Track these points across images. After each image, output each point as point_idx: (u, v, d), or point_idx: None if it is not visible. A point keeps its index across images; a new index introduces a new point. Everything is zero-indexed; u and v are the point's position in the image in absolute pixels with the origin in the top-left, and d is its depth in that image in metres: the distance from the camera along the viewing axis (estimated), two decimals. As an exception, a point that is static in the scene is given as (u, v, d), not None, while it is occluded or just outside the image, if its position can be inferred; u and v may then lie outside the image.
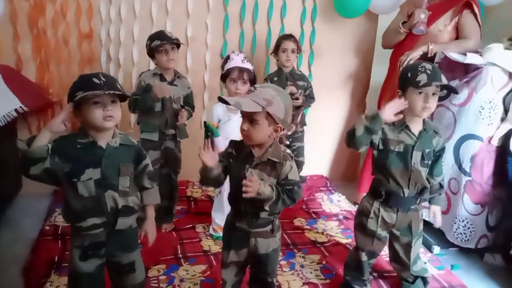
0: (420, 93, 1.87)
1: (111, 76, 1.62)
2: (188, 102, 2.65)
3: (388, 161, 1.94)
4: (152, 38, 2.48)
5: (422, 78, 1.84)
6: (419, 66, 1.88)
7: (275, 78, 2.97)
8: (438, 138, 1.99)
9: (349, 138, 1.90)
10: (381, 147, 1.95)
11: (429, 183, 2.02)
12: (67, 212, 1.65)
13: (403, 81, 1.93)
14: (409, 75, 1.89)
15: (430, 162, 1.99)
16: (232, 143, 1.73)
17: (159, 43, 2.42)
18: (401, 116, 1.91)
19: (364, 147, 1.92)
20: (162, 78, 2.52)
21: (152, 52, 2.48)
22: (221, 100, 1.60)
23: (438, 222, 2.09)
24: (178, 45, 2.52)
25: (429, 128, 1.96)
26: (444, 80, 1.89)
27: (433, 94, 1.88)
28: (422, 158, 1.95)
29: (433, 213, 2.09)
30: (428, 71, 1.85)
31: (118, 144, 1.61)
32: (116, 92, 1.52)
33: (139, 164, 1.70)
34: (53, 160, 1.51)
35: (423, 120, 1.96)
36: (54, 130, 1.53)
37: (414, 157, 1.93)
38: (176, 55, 2.51)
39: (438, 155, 2.01)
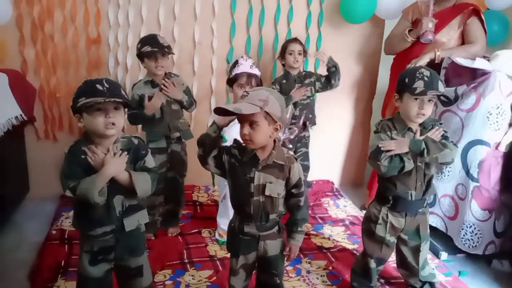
0: (416, 99, 1.88)
1: (116, 82, 1.61)
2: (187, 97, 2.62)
3: None
4: (143, 42, 2.45)
5: (419, 85, 1.85)
6: (417, 72, 1.88)
7: (284, 81, 3.00)
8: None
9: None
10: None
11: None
12: (77, 220, 1.66)
13: (400, 86, 1.94)
14: (406, 80, 1.89)
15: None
16: (236, 144, 1.71)
17: (150, 50, 2.40)
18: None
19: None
20: (153, 85, 2.50)
21: (141, 56, 2.47)
22: (217, 112, 1.59)
23: None
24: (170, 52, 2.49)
25: (428, 125, 1.97)
26: (441, 88, 1.87)
27: (429, 100, 1.89)
28: None
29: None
30: (426, 78, 1.85)
31: (119, 149, 1.61)
32: (117, 100, 1.52)
33: (136, 163, 1.67)
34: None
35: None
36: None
37: (419, 158, 1.92)
38: (166, 62, 2.48)
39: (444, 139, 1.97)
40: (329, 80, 3.00)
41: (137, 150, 1.67)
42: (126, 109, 1.63)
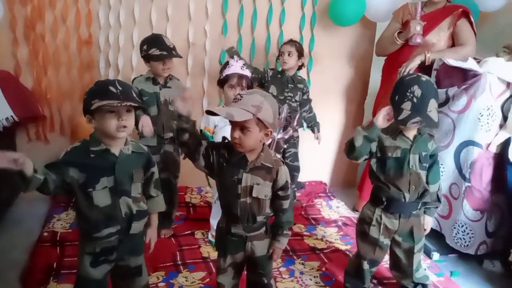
0: None
1: (127, 84, 1.61)
2: None
3: (387, 167, 1.95)
4: (150, 43, 2.45)
5: (406, 107, 1.80)
6: (408, 91, 1.81)
7: (279, 75, 2.98)
8: (432, 142, 2.01)
9: (349, 149, 1.89)
10: (379, 154, 1.96)
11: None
12: (81, 223, 1.64)
13: (391, 98, 1.89)
14: (396, 97, 1.85)
15: (428, 165, 2.00)
16: (225, 143, 1.70)
17: (158, 53, 2.41)
18: (392, 120, 1.86)
19: (363, 157, 1.92)
20: (154, 82, 2.53)
21: (147, 58, 2.47)
22: (209, 113, 1.60)
23: (426, 231, 2.13)
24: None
25: (424, 131, 1.97)
26: (433, 106, 1.81)
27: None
28: (420, 161, 1.96)
29: (426, 223, 2.10)
30: (415, 99, 1.79)
31: (130, 151, 1.63)
32: (133, 104, 1.53)
33: (147, 171, 1.71)
34: (68, 173, 1.52)
35: None
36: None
37: (411, 160, 1.94)
38: (172, 63, 2.52)
39: (433, 161, 2.02)
40: (307, 106, 3.10)
41: (150, 158, 1.72)
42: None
